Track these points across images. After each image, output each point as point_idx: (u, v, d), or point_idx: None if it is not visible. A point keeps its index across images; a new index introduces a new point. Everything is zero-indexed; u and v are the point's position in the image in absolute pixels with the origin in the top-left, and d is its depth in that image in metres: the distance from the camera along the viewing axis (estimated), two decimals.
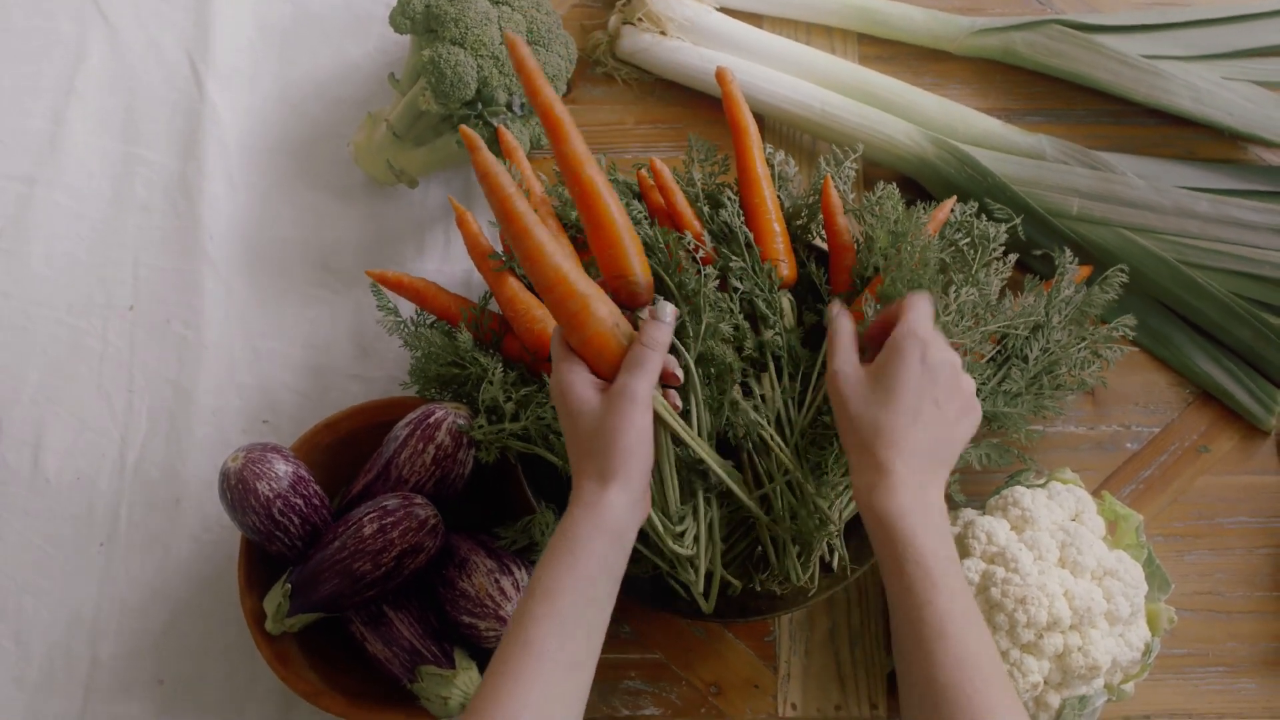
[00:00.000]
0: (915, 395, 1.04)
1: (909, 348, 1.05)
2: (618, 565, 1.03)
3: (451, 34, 1.35)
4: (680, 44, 1.57)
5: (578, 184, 1.08)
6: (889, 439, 1.03)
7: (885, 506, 1.00)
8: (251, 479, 1.20)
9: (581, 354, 1.07)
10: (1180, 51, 1.57)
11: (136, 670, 1.36)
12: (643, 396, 1.02)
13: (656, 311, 1.06)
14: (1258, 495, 1.44)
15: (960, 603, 0.97)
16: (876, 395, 1.05)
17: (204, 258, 1.51)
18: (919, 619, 0.96)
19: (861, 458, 1.05)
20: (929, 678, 0.94)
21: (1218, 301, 1.44)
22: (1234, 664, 1.37)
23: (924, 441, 1.04)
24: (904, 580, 0.98)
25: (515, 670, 0.94)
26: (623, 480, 1.01)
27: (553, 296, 1.06)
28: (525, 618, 0.97)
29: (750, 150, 1.31)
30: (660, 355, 1.05)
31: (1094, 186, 1.47)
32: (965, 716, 0.92)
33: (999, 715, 0.92)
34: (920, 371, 1.05)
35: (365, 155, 1.50)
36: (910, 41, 1.64)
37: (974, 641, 0.95)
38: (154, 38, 1.63)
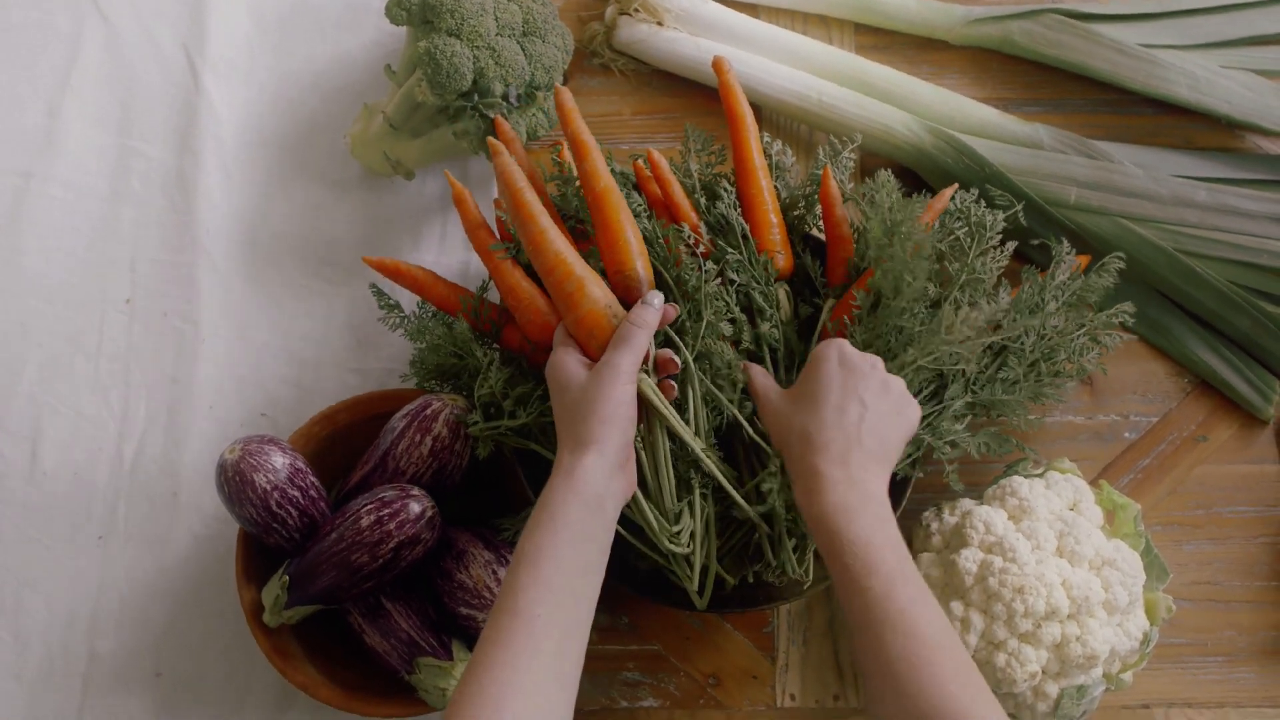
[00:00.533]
0: (838, 395, 1.11)
1: (825, 353, 1.15)
2: (600, 532, 1.05)
3: (447, 25, 1.35)
4: (677, 34, 1.56)
5: (593, 192, 1.20)
6: (815, 444, 1.09)
7: (818, 508, 1.05)
8: (248, 471, 1.20)
9: (575, 334, 1.14)
10: (1178, 40, 1.57)
11: (135, 664, 1.36)
12: (624, 369, 1.07)
13: (648, 297, 1.13)
14: (1256, 484, 1.44)
15: (901, 579, 1.00)
16: (799, 405, 1.13)
17: (201, 251, 1.51)
18: (863, 604, 0.99)
19: (795, 468, 1.11)
20: (879, 654, 0.97)
21: (1216, 290, 1.44)
22: (1232, 653, 1.37)
23: (851, 439, 1.09)
24: (845, 571, 1.01)
25: (506, 638, 0.95)
26: (597, 448, 1.05)
27: (553, 278, 1.16)
28: (512, 587, 0.98)
29: (747, 140, 1.31)
30: (646, 334, 1.10)
31: (1091, 175, 1.47)
32: (918, 678, 0.94)
33: (952, 678, 0.94)
34: (840, 372, 1.13)
35: (362, 147, 1.49)
36: (907, 31, 1.63)
37: (918, 610, 0.98)
38: (150, 31, 1.62)
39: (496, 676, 0.92)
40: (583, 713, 1.34)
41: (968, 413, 1.29)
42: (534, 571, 0.99)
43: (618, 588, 1.23)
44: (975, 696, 0.94)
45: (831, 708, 1.35)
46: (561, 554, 1.00)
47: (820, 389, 1.12)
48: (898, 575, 1.00)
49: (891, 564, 1.01)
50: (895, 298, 1.22)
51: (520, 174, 1.20)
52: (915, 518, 1.34)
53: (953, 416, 1.27)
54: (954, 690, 0.93)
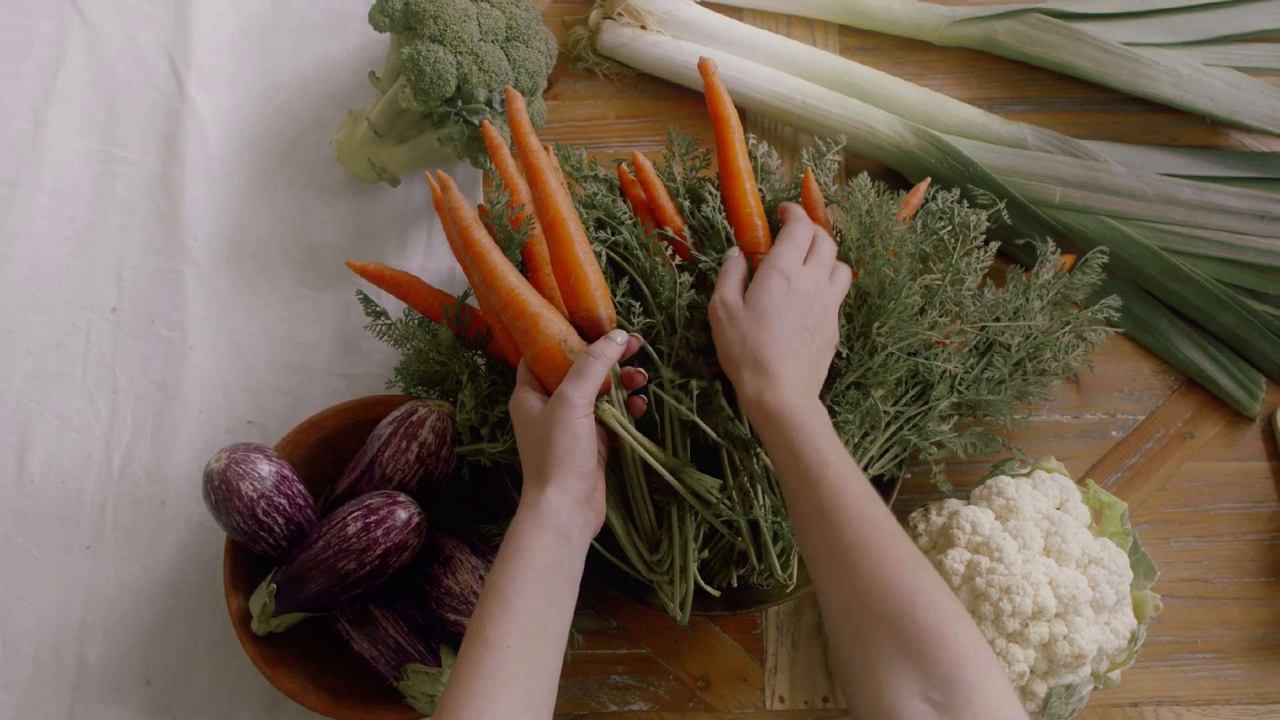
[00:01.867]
0: (786, 316, 1.14)
1: (771, 278, 1.16)
2: (567, 564, 1.05)
3: (430, 31, 1.35)
4: (661, 38, 1.56)
5: (545, 220, 1.19)
6: (770, 352, 1.12)
7: (775, 402, 1.07)
8: (235, 479, 1.20)
9: (535, 370, 1.15)
10: (1161, 38, 1.57)
11: (124, 671, 1.36)
12: (577, 401, 1.08)
13: (612, 334, 1.14)
14: (1243, 481, 1.44)
15: (853, 475, 1.02)
16: (752, 316, 1.14)
17: (187, 258, 1.51)
18: (817, 493, 1.01)
19: (744, 372, 1.12)
20: (832, 542, 0.98)
21: (1201, 288, 1.44)
22: (1221, 650, 1.38)
23: (800, 357, 1.13)
24: (799, 463, 1.03)
25: (477, 670, 0.96)
26: (558, 481, 1.06)
27: (507, 315, 1.15)
28: (482, 618, 1.00)
29: (732, 142, 1.30)
30: (603, 365, 1.10)
31: (1076, 174, 1.47)
32: (871, 563, 0.95)
33: (904, 562, 0.95)
34: (787, 297, 1.15)
35: (347, 153, 1.49)
36: (891, 32, 1.63)
37: (869, 504, 1.00)
38: (134, 37, 1.62)
39: (469, 707, 0.93)
40: (572, 717, 1.34)
41: (954, 413, 1.29)
42: (503, 603, 1.00)
43: (606, 591, 1.23)
44: (926, 579, 0.94)
45: (820, 709, 1.35)
46: (529, 586, 1.01)
47: (770, 307, 1.14)
48: (850, 469, 1.02)
49: (843, 460, 1.03)
50: (881, 296, 1.22)
51: (469, 211, 1.19)
52: (902, 518, 1.34)
53: (939, 417, 1.28)
54: (906, 574, 0.94)
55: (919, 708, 0.86)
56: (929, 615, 0.90)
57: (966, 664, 0.88)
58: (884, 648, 0.90)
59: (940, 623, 0.90)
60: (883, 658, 0.90)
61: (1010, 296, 1.32)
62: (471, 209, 1.20)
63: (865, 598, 0.94)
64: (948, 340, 1.27)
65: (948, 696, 0.86)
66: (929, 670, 0.88)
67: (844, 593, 0.96)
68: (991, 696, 0.86)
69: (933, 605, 0.91)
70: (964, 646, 0.89)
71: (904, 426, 1.27)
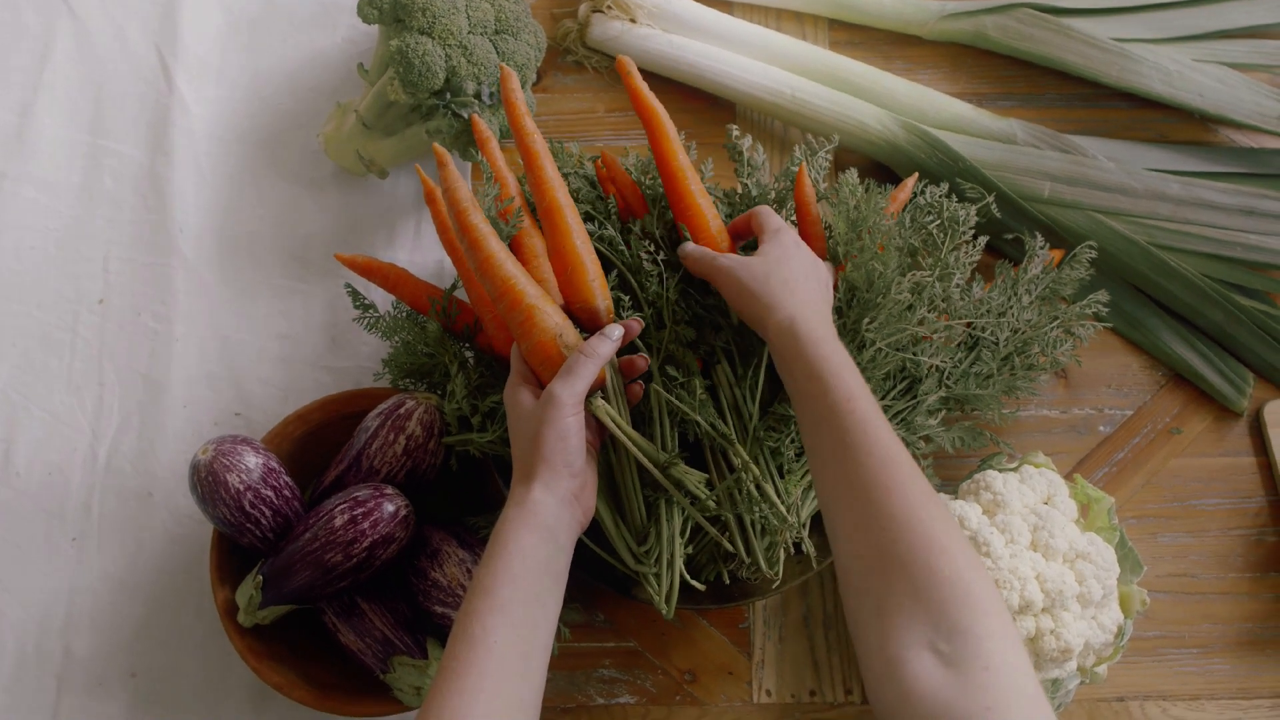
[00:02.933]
0: (801, 264, 1.17)
1: (786, 234, 1.20)
2: (554, 561, 1.05)
3: (419, 23, 1.35)
4: (650, 31, 1.56)
5: (543, 206, 1.17)
6: (796, 285, 1.14)
7: (807, 329, 1.08)
8: (221, 471, 1.20)
9: (529, 362, 1.13)
10: (1150, 34, 1.58)
11: (109, 665, 1.35)
12: (566, 400, 1.07)
13: (607, 330, 1.12)
14: (1230, 476, 1.44)
15: (878, 413, 1.02)
16: (769, 266, 1.16)
17: (174, 250, 1.51)
18: (842, 425, 1.00)
19: (771, 310, 1.12)
20: (853, 479, 0.97)
21: (1189, 283, 1.45)
22: (1207, 645, 1.38)
23: (820, 296, 1.15)
24: (828, 394, 1.03)
25: (464, 665, 0.95)
26: (545, 478, 1.06)
27: (502, 305, 1.13)
28: (469, 615, 0.99)
29: (666, 139, 1.27)
30: (595, 364, 1.09)
31: (1065, 170, 1.48)
32: (892, 503, 0.94)
33: (926, 506, 0.94)
34: (799, 248, 1.19)
35: (335, 146, 1.49)
36: (880, 26, 1.64)
37: (893, 444, 0.99)
38: (121, 29, 1.62)
39: (455, 704, 0.93)
40: (559, 710, 1.34)
41: (942, 407, 1.29)
42: (490, 599, 0.99)
43: (593, 585, 1.23)
44: (947, 526, 0.93)
45: (807, 702, 1.35)
46: (516, 582, 1.01)
47: (787, 257, 1.17)
48: (874, 408, 1.02)
49: (870, 398, 1.03)
50: (869, 290, 1.22)
51: (467, 193, 1.15)
52: None
53: (927, 411, 1.28)
54: (927, 519, 0.93)
55: (925, 658, 0.85)
56: (944, 563, 0.89)
57: (978, 616, 0.86)
58: (896, 593, 0.89)
59: (956, 572, 0.89)
60: (894, 604, 0.89)
61: (998, 291, 1.32)
62: (470, 191, 1.16)
63: (882, 539, 0.93)
64: (935, 335, 1.26)
65: (956, 647, 0.85)
66: (939, 620, 0.86)
67: (860, 532, 0.95)
68: (1000, 651, 0.85)
69: (950, 553, 0.90)
70: (978, 598, 0.88)
71: (892, 421, 1.27)
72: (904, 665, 0.85)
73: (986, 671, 0.83)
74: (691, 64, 1.54)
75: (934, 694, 0.83)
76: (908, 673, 0.85)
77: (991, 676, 0.83)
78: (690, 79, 1.55)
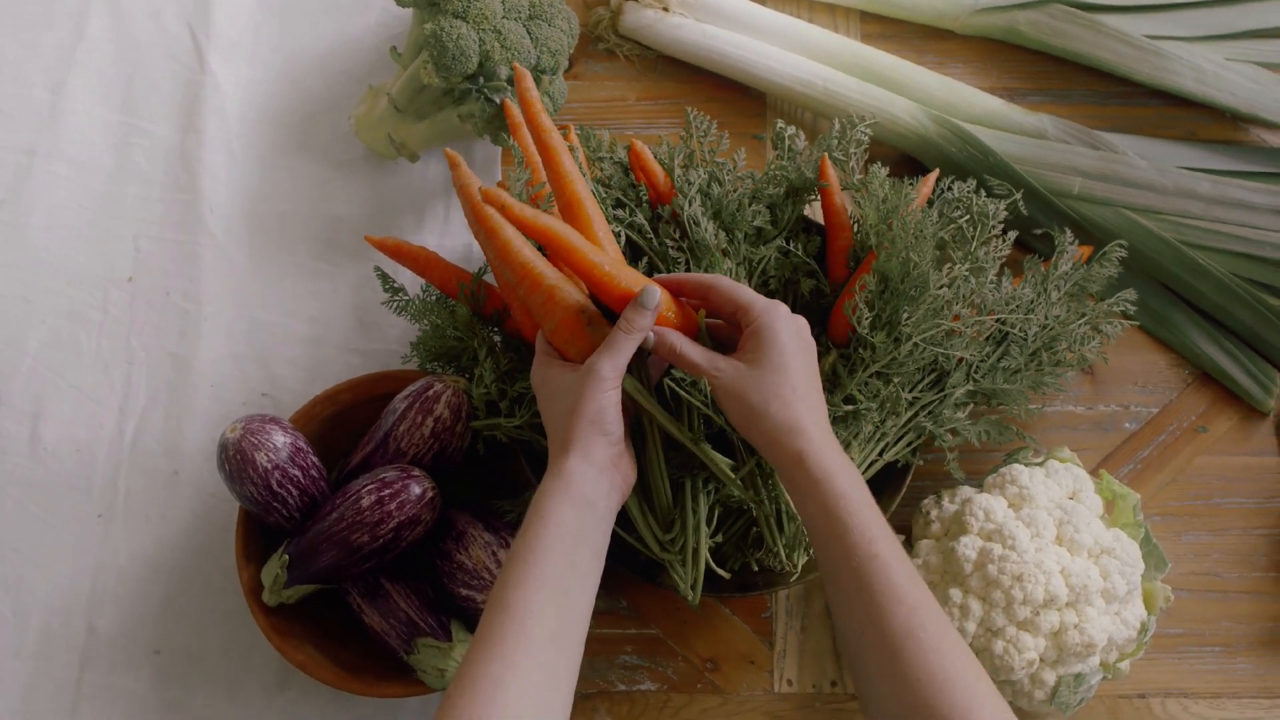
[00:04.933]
0: (801, 365, 1.07)
1: (781, 327, 1.08)
2: (593, 534, 1.05)
3: (454, 7, 1.35)
4: (683, 20, 1.56)
5: (566, 203, 1.17)
6: (799, 410, 1.04)
7: (820, 467, 1.01)
8: (250, 450, 1.20)
9: (553, 342, 1.13)
10: (1183, 32, 1.57)
11: (134, 641, 1.36)
12: (606, 374, 1.06)
13: (641, 296, 1.08)
14: (1256, 476, 1.44)
15: (899, 553, 0.99)
16: (770, 377, 1.06)
17: (204, 230, 1.51)
18: (866, 570, 0.97)
19: (778, 437, 1.04)
20: (881, 628, 0.95)
21: (1218, 282, 1.44)
22: (1230, 644, 1.38)
23: (819, 405, 1.08)
24: (848, 536, 0.99)
25: (498, 634, 0.95)
26: (581, 450, 1.05)
27: (523, 289, 1.13)
28: (504, 585, 0.99)
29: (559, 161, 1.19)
30: (634, 340, 1.08)
31: (1095, 166, 1.47)
32: (925, 657, 0.93)
33: (958, 657, 0.94)
34: (798, 344, 1.08)
35: (366, 128, 1.49)
36: (913, 20, 1.63)
37: (920, 591, 0.97)
38: (155, 8, 1.62)
39: (489, 671, 0.93)
40: (580, 695, 1.34)
41: (969, 401, 1.29)
42: (525, 569, 0.99)
43: (617, 571, 1.23)
44: (979, 677, 0.93)
45: (828, 693, 1.35)
46: (553, 552, 1.00)
47: (786, 361, 1.06)
48: (895, 547, 0.99)
49: (888, 535, 1.00)
50: (904, 281, 1.22)
51: (478, 186, 1.14)
52: (915, 505, 1.34)
53: (954, 404, 1.28)
54: (961, 672, 0.92)
55: None
56: (984, 714, 0.90)
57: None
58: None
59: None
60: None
61: (1028, 287, 1.32)
62: (480, 184, 1.16)
63: (917, 694, 0.92)
64: (965, 329, 1.26)
65: None
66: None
67: (890, 682, 0.94)
68: None
69: (985, 708, 0.90)
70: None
71: (919, 413, 1.27)
72: None
73: None
74: (723, 54, 1.54)
75: None
76: None
77: None
78: (722, 69, 1.55)
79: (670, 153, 1.33)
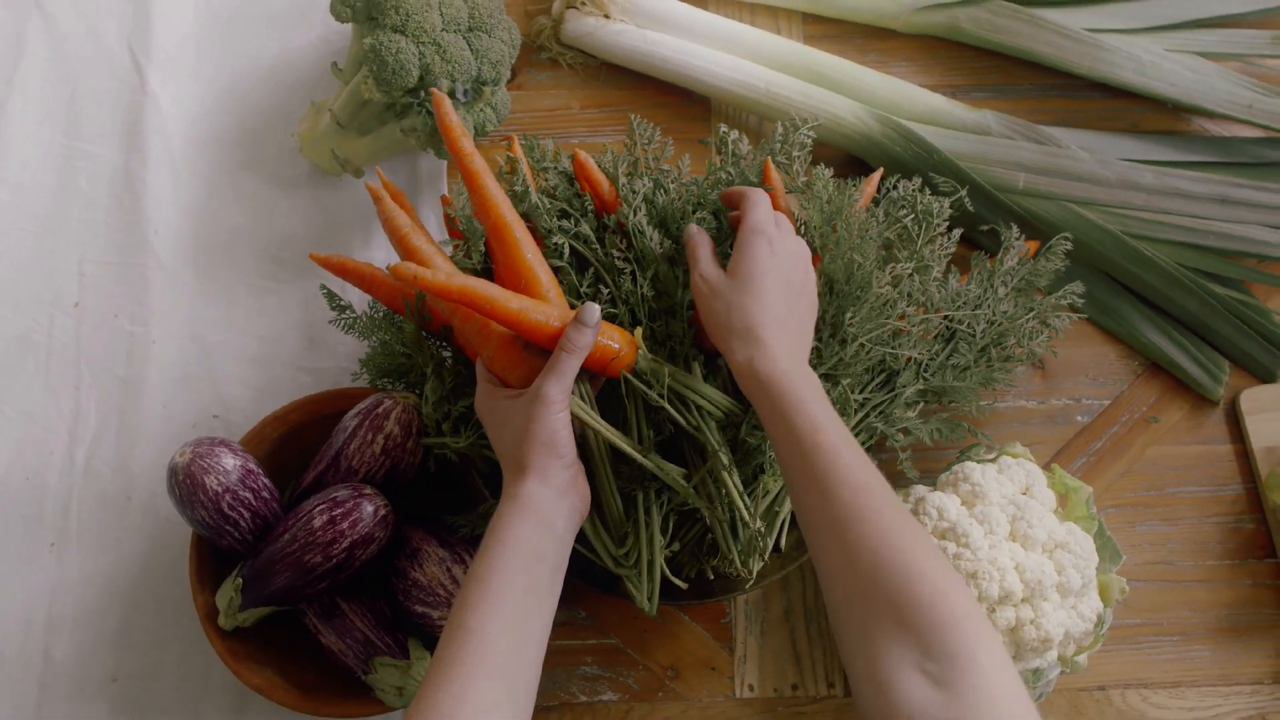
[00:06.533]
0: (773, 281, 1.13)
1: (756, 243, 1.14)
2: (551, 555, 1.05)
3: (392, 21, 1.34)
4: (625, 27, 1.56)
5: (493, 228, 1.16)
6: (759, 319, 1.10)
7: (767, 370, 1.06)
8: (199, 474, 1.19)
9: (493, 369, 1.14)
10: (1123, 24, 1.58)
11: (90, 669, 1.35)
12: (554, 397, 1.07)
13: (581, 314, 1.09)
14: (1208, 464, 1.45)
15: (846, 441, 1.02)
16: (738, 285, 1.12)
17: (149, 252, 1.50)
18: (810, 462, 1.00)
19: (735, 340, 1.10)
20: (828, 512, 0.98)
21: (1164, 272, 1.45)
22: (1187, 632, 1.39)
23: (789, 323, 1.12)
24: (793, 431, 1.02)
25: (457, 654, 0.96)
26: (538, 472, 1.06)
27: (457, 320, 1.15)
28: (463, 606, 0.99)
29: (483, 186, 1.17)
30: (577, 359, 1.09)
31: (1040, 161, 1.48)
32: (867, 533, 0.95)
33: (898, 530, 0.95)
34: (772, 260, 1.14)
35: (310, 145, 1.49)
36: (855, 20, 1.64)
37: (864, 471, 0.99)
38: (93, 28, 1.61)
39: (449, 691, 0.93)
40: (541, 708, 1.34)
41: (920, 400, 1.30)
42: (484, 590, 1.00)
43: (575, 583, 1.23)
44: (922, 548, 0.94)
45: (789, 696, 1.35)
46: (512, 573, 1.01)
47: (755, 274, 1.12)
48: (843, 436, 1.02)
49: (836, 426, 1.03)
50: (848, 283, 1.22)
51: (403, 219, 1.19)
52: None
53: (905, 404, 1.28)
54: (902, 544, 0.93)
55: (915, 679, 0.86)
56: (924, 586, 0.90)
57: (963, 635, 0.87)
58: (880, 619, 0.90)
59: (935, 594, 0.89)
60: (879, 629, 0.89)
61: (974, 284, 1.32)
62: (405, 216, 1.20)
63: (861, 568, 0.93)
64: (913, 328, 1.27)
65: (944, 668, 0.85)
66: (925, 642, 0.87)
67: (840, 563, 0.96)
68: (988, 667, 0.85)
69: (929, 576, 0.91)
70: (960, 617, 0.88)
71: (870, 414, 1.27)
72: (894, 688, 0.86)
73: (976, 691, 0.84)
74: (665, 59, 1.54)
75: (926, 715, 0.84)
76: (897, 694, 0.86)
77: (981, 695, 0.84)
78: (665, 74, 1.55)
79: (615, 161, 1.32)
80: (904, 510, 0.98)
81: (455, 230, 1.31)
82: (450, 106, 1.17)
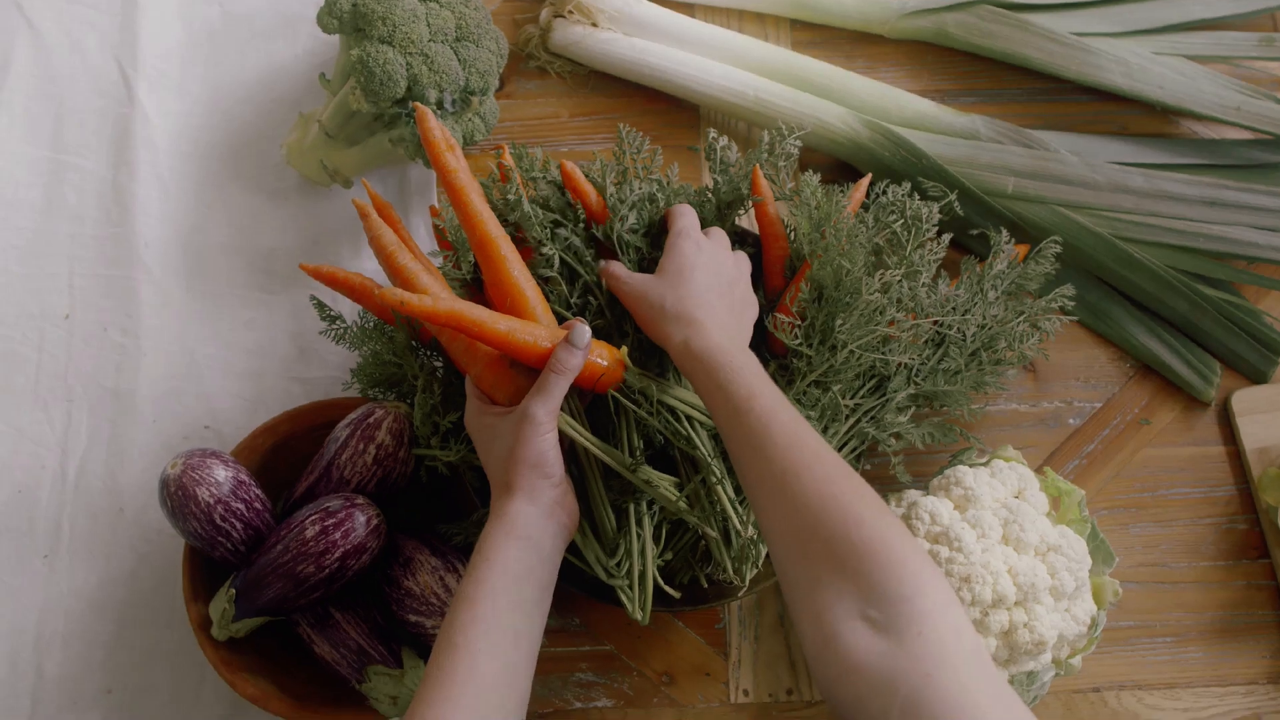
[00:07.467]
0: (702, 274, 1.17)
1: (681, 243, 1.20)
2: (539, 570, 1.06)
3: (379, 32, 1.34)
4: (613, 35, 1.56)
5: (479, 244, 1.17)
6: (690, 303, 1.14)
7: (702, 345, 1.09)
8: (191, 486, 1.19)
9: (480, 387, 1.14)
10: (1110, 28, 1.58)
11: (84, 682, 1.34)
12: (541, 418, 1.07)
13: (571, 335, 1.10)
14: (1200, 466, 1.45)
15: (781, 405, 1.03)
16: (667, 279, 1.17)
17: (139, 264, 1.50)
18: (748, 425, 1.01)
19: (670, 325, 1.13)
20: (764, 472, 0.98)
21: (1154, 275, 1.45)
22: (1180, 634, 1.39)
23: (720, 305, 1.15)
24: (729, 400, 1.04)
25: (447, 674, 0.96)
26: (525, 491, 1.07)
27: (444, 338, 1.16)
28: (452, 625, 1.00)
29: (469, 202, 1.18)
30: (566, 380, 1.09)
31: (1029, 165, 1.48)
32: (803, 486, 0.95)
33: (836, 480, 0.95)
34: (698, 258, 1.18)
35: (299, 156, 1.49)
36: (842, 26, 1.64)
37: (798, 428, 1.00)
38: (80, 41, 1.61)
39: (440, 711, 0.94)
40: (536, 715, 1.34)
41: (911, 404, 1.30)
42: (472, 610, 1.00)
43: (569, 589, 1.23)
44: (858, 496, 0.94)
45: (784, 701, 1.35)
46: (499, 592, 1.01)
47: (684, 266, 1.17)
48: (778, 400, 1.03)
49: (771, 391, 1.04)
50: (837, 289, 1.22)
51: (390, 236, 1.20)
52: None
53: (896, 409, 1.28)
54: (838, 493, 0.93)
55: (859, 628, 0.85)
56: (862, 532, 0.89)
57: (904, 579, 0.86)
58: (822, 570, 0.90)
59: (873, 539, 0.89)
60: (821, 581, 0.89)
61: (965, 288, 1.33)
62: (393, 234, 1.21)
63: (800, 522, 0.93)
64: (903, 334, 1.27)
65: (887, 613, 0.85)
66: (867, 589, 0.86)
67: (780, 519, 0.96)
68: (932, 610, 0.85)
69: (866, 523, 0.90)
70: (900, 561, 0.88)
71: (862, 419, 1.27)
72: (839, 639, 0.86)
73: (920, 636, 0.83)
74: (654, 67, 1.54)
75: (871, 663, 0.83)
76: (843, 645, 0.85)
77: (926, 639, 0.83)
78: (653, 82, 1.55)
79: (603, 170, 1.32)
80: (843, 464, 0.98)
81: (445, 241, 1.31)
82: (434, 121, 1.17)
